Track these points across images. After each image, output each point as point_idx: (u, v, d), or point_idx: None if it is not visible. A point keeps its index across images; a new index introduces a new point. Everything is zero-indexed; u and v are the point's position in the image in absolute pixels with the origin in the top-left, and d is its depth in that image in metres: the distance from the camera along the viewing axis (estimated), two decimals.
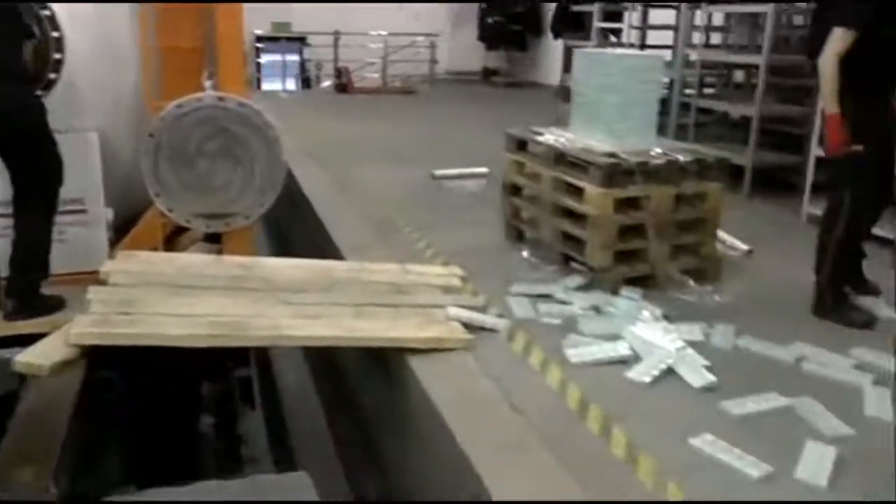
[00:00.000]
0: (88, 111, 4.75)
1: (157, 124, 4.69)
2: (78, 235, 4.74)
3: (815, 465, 2.86)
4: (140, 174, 4.80)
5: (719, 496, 2.70)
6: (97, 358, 3.71)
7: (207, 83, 4.83)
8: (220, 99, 4.74)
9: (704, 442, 3.00)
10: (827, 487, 2.76)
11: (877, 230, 4.71)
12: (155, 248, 5.16)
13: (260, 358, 6.20)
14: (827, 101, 4.02)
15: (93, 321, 3.66)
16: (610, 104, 4.71)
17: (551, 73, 14.45)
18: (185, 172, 4.82)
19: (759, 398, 3.35)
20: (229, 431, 5.64)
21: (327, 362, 5.18)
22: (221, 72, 4.88)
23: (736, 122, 8.55)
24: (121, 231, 5.12)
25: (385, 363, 3.78)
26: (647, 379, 3.48)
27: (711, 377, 3.49)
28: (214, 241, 5.34)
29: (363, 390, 4.41)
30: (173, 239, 5.65)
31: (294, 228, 6.90)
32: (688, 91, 8.43)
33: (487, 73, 16.52)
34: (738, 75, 9.19)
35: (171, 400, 5.05)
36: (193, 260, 4.74)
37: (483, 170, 7.29)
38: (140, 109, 5.01)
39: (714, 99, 8.79)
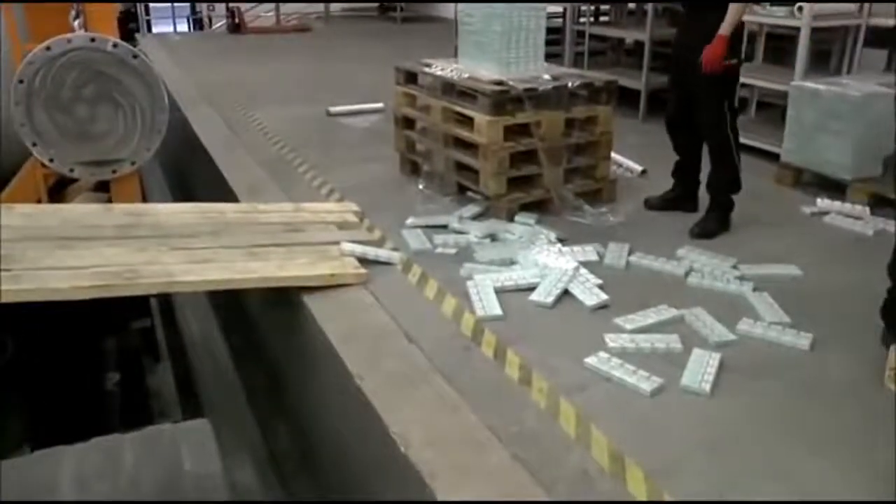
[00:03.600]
0: None
1: (27, 69, 4.44)
2: None
3: (701, 372, 2.94)
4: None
5: (613, 410, 2.77)
6: None
7: (75, 23, 4.58)
8: (92, 40, 4.50)
9: (599, 360, 3.04)
10: (710, 394, 2.85)
11: None
12: (39, 201, 4.95)
13: (164, 309, 6.07)
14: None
15: None
16: (496, 33, 4.66)
17: (452, 5, 14.20)
18: (62, 119, 4.60)
19: (650, 312, 3.43)
20: (137, 386, 5.53)
21: (234, 308, 5.08)
22: (89, 9, 4.62)
23: (630, 49, 8.61)
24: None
25: (287, 305, 3.72)
26: (546, 300, 3.52)
27: (604, 296, 3.56)
28: (104, 189, 5.15)
29: (269, 334, 4.35)
30: (62, 191, 5.44)
31: (194, 175, 6.71)
32: (582, 20, 8.43)
33: (385, 9, 16.19)
34: (631, 3, 9.21)
35: (72, 357, 4.90)
36: (79, 210, 4.54)
37: (378, 105, 7.20)
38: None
39: (608, 26, 8.80)
